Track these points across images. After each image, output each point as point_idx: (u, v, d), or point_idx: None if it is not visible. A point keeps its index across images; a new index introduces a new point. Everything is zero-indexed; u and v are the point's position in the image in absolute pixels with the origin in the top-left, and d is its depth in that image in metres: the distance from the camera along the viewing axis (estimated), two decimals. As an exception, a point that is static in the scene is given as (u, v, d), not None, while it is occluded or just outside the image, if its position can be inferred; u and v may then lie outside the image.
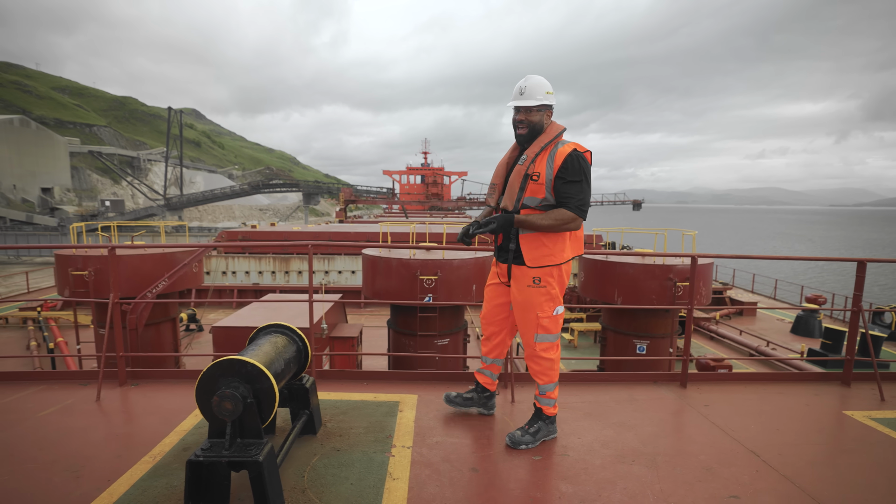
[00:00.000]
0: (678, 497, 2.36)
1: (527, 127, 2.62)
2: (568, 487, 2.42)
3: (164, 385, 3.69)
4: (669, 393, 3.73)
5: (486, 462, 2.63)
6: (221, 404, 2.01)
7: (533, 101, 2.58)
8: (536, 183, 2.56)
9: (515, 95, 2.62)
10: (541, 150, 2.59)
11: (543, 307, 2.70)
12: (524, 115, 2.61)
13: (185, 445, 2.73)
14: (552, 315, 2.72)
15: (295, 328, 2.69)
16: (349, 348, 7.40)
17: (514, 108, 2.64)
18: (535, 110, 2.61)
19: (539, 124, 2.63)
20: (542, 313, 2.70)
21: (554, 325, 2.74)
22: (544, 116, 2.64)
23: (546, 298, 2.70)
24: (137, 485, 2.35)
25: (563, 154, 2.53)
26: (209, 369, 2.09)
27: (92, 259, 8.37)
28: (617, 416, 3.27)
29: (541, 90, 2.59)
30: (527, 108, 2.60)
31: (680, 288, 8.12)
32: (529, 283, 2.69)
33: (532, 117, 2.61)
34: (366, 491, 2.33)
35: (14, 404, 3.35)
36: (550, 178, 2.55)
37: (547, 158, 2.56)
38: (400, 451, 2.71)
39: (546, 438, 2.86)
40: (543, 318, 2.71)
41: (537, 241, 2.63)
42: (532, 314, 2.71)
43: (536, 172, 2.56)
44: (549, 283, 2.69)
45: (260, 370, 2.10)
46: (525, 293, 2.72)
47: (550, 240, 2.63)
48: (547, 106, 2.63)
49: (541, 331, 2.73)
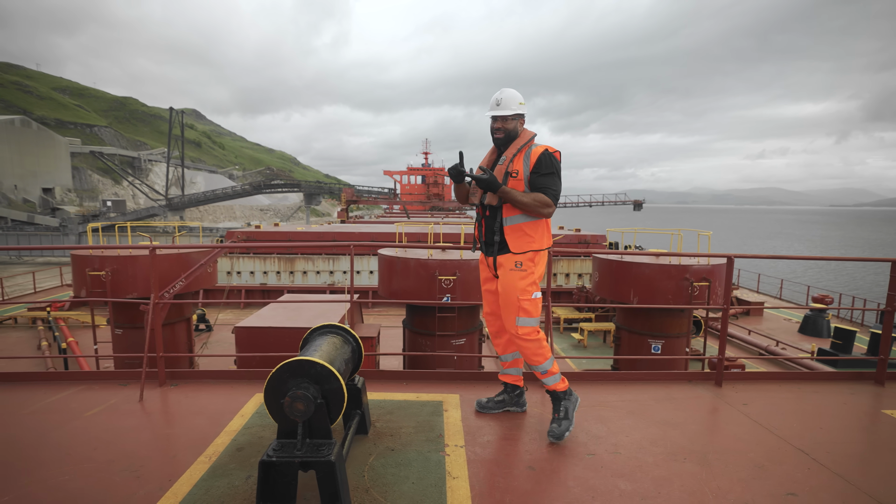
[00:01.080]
0: (736, 494, 2.38)
1: (503, 133, 2.96)
2: (626, 485, 2.44)
3: (203, 385, 3.70)
4: (706, 391, 3.76)
5: (541, 460, 2.65)
6: (293, 405, 2.02)
7: (508, 111, 2.92)
8: (515, 179, 2.88)
9: (492, 106, 2.96)
10: (517, 151, 2.92)
11: (525, 290, 2.92)
12: (501, 124, 2.95)
13: (238, 446, 2.74)
14: (531, 298, 2.94)
15: (349, 328, 2.70)
16: (369, 348, 7.41)
17: (491, 117, 2.98)
18: (510, 119, 2.95)
19: (514, 130, 2.97)
20: (522, 296, 2.92)
21: (534, 308, 2.95)
22: (518, 124, 2.98)
23: (527, 282, 2.93)
24: (199, 485, 2.37)
25: (536, 153, 2.88)
26: (278, 370, 2.11)
27: (109, 259, 8.38)
28: (659, 414, 3.30)
29: (514, 102, 2.93)
30: (503, 117, 2.94)
31: (696, 288, 8.16)
32: (512, 267, 2.95)
33: (507, 125, 2.95)
34: (428, 490, 2.34)
35: (58, 404, 3.36)
36: (527, 174, 2.88)
37: (523, 158, 2.90)
38: (454, 450, 2.72)
39: (576, 409, 3.03)
40: (524, 300, 2.92)
41: (520, 232, 2.93)
42: (514, 297, 2.93)
43: (515, 170, 2.89)
44: (530, 267, 2.95)
45: (329, 371, 2.12)
46: (508, 276, 2.96)
47: (531, 229, 2.93)
48: (520, 115, 2.98)
49: (522, 314, 2.94)
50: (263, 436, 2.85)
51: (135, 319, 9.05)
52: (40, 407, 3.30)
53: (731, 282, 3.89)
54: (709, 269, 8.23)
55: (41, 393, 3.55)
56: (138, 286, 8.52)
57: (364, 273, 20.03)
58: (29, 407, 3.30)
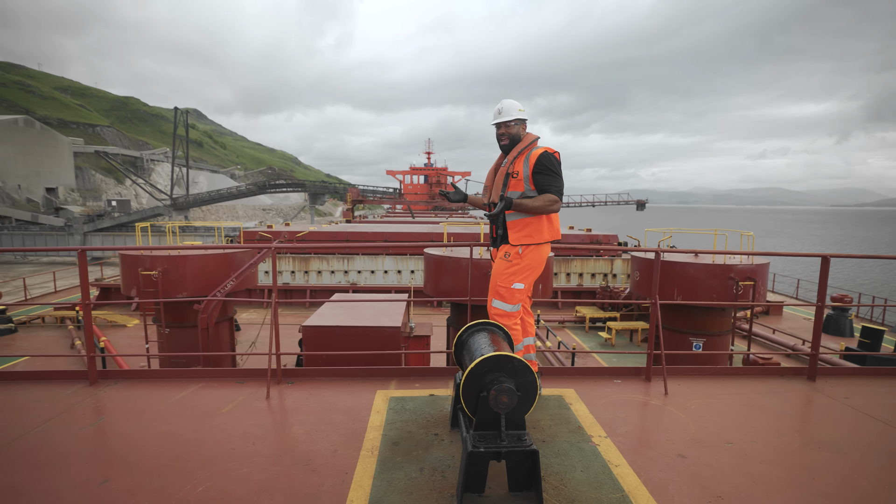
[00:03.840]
0: (890, 480, 2.50)
1: (507, 138, 3.27)
2: (777, 471, 2.56)
3: (318, 383, 3.78)
4: (802, 386, 3.89)
5: (686, 449, 2.78)
6: (498, 398, 2.13)
7: (509, 118, 3.23)
8: (516, 179, 3.18)
9: (495, 115, 3.28)
10: (518, 154, 3.22)
11: (506, 278, 3.23)
12: (504, 130, 3.27)
13: (393, 440, 2.83)
14: (510, 287, 3.23)
15: (501, 325, 2.82)
16: (423, 346, 7.53)
17: (495, 125, 3.30)
18: (512, 125, 3.25)
19: (517, 135, 3.27)
20: (501, 282, 3.24)
21: (509, 296, 3.24)
22: (520, 128, 3.29)
23: (510, 272, 3.23)
24: (379, 477, 2.46)
25: (535, 155, 3.15)
26: (477, 365, 2.22)
27: (160, 259, 8.47)
28: (770, 406, 3.43)
29: (514, 109, 3.24)
30: (505, 123, 3.26)
31: (741, 287, 8.30)
32: (502, 256, 3.29)
33: (510, 130, 3.26)
34: (599, 477, 2.46)
35: (188, 401, 3.44)
36: (528, 175, 3.14)
37: (523, 160, 3.17)
38: (601, 440, 2.85)
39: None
40: (501, 286, 3.25)
41: (520, 225, 3.22)
42: (495, 281, 3.29)
43: (515, 171, 3.18)
44: (517, 259, 3.24)
45: (525, 365, 2.23)
46: (497, 263, 3.32)
47: (528, 223, 3.21)
48: (521, 120, 3.27)
49: (497, 297, 3.26)
50: (411, 431, 2.95)
51: (182, 319, 9.15)
52: (173, 404, 3.39)
53: (827, 282, 4.01)
54: (752, 268, 8.37)
55: (164, 390, 3.62)
56: (188, 286, 8.61)
57: (378, 273, 20.11)
58: (161, 404, 3.38)
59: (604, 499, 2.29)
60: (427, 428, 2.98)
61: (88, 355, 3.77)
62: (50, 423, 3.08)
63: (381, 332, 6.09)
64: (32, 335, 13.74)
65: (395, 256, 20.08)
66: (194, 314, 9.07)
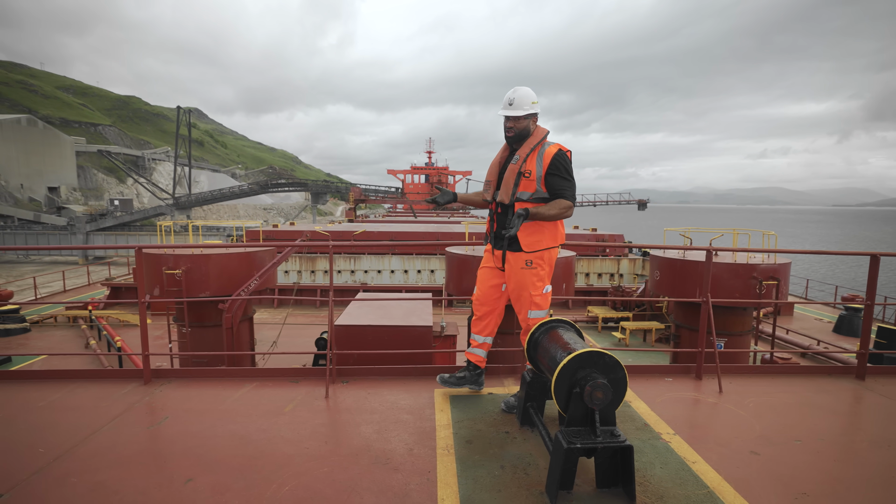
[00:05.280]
0: None
1: (514, 132, 3.05)
2: (850, 469, 2.58)
3: (372, 382, 3.78)
4: (853, 384, 3.90)
5: (756, 446, 2.80)
6: (593, 394, 2.15)
7: (521, 112, 2.99)
8: (528, 179, 2.98)
9: (505, 105, 3.02)
10: (531, 151, 3.00)
11: (536, 286, 3.09)
12: (513, 122, 3.03)
13: (465, 439, 2.84)
14: (542, 293, 3.12)
15: (572, 322, 2.84)
16: (450, 346, 7.54)
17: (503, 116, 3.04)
18: (523, 118, 3.02)
19: (525, 129, 3.05)
20: (534, 291, 3.09)
21: (544, 302, 3.14)
22: (531, 122, 3.06)
23: (537, 279, 3.10)
24: (463, 475, 2.47)
25: (550, 154, 2.95)
26: (569, 362, 2.23)
27: (183, 258, 8.48)
28: (826, 404, 3.46)
29: (527, 101, 2.99)
30: (515, 117, 3.00)
31: (765, 287, 8.32)
32: (523, 266, 3.08)
33: (519, 124, 3.03)
34: (680, 473, 2.48)
35: (246, 400, 3.44)
36: (541, 175, 2.96)
37: (536, 158, 2.97)
38: (670, 437, 2.86)
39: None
40: (536, 295, 3.10)
41: (530, 229, 3.02)
42: (526, 293, 3.10)
43: (528, 170, 2.97)
44: (540, 265, 3.10)
45: (616, 361, 2.25)
46: (519, 275, 3.10)
47: (540, 228, 3.05)
48: (533, 114, 3.03)
49: (534, 307, 3.12)
50: (481, 429, 2.97)
51: (203, 318, 9.15)
52: (233, 403, 3.38)
53: (877, 281, 4.03)
54: (775, 267, 8.40)
55: (220, 390, 3.61)
56: (211, 285, 8.62)
57: (385, 273, 20.12)
58: (221, 404, 3.37)
59: (691, 495, 2.31)
60: (495, 426, 3.00)
61: (144, 354, 3.78)
62: (116, 422, 3.09)
63: (413, 331, 6.09)
64: (46, 334, 13.73)
65: (402, 256, 20.07)
66: (216, 313, 9.07)
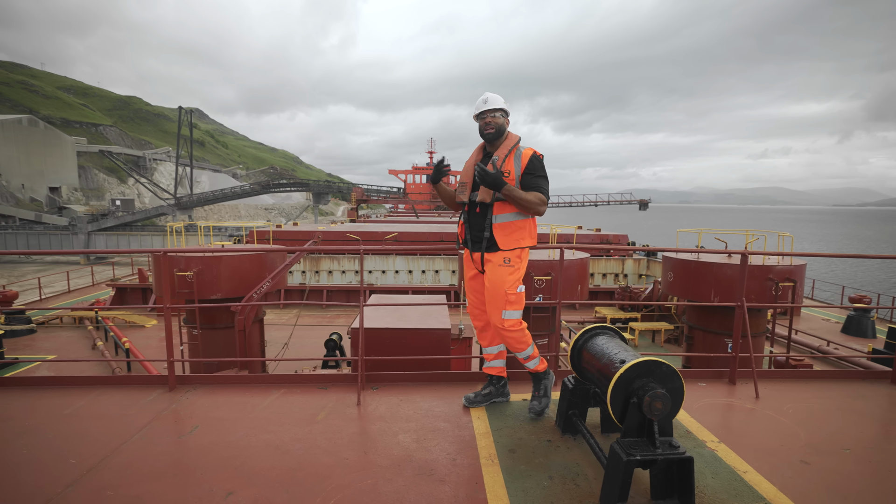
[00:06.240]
0: None
1: (494, 128, 3.15)
2: None
3: (403, 388, 3.70)
4: (890, 390, 3.84)
5: (805, 455, 2.74)
6: (653, 404, 2.09)
7: (496, 105, 3.13)
8: (507, 178, 3.04)
9: (479, 105, 3.17)
10: (508, 153, 3.11)
11: (512, 284, 3.10)
12: (491, 119, 3.14)
13: (508, 448, 2.78)
14: (517, 292, 3.11)
15: (615, 328, 2.78)
16: (466, 349, 7.48)
17: (481, 113, 3.16)
18: (499, 115, 3.15)
19: (502, 126, 3.17)
20: (509, 289, 3.09)
21: (518, 301, 3.13)
22: (505, 121, 3.19)
23: (514, 277, 3.11)
24: (511, 486, 2.41)
25: (527, 156, 3.08)
26: (626, 371, 2.17)
27: (194, 259, 8.41)
28: (867, 410, 3.42)
29: (499, 100, 3.16)
30: (492, 110, 3.13)
31: (780, 288, 8.26)
32: (500, 263, 3.12)
33: (497, 120, 3.14)
34: (732, 483, 2.42)
35: (276, 407, 3.36)
36: (518, 174, 3.06)
37: (514, 159, 3.08)
38: (716, 445, 2.80)
39: (551, 386, 3.32)
40: (511, 293, 3.09)
41: (509, 229, 3.10)
42: (501, 291, 3.09)
43: (507, 170, 3.06)
44: (517, 263, 3.13)
45: (673, 371, 2.19)
46: (496, 272, 3.12)
47: (520, 226, 3.12)
48: (506, 112, 3.19)
49: (508, 307, 3.10)
50: (522, 437, 2.90)
51: (214, 320, 9.09)
52: (263, 411, 3.30)
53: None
54: (791, 269, 8.34)
55: (247, 397, 3.54)
56: (222, 287, 8.54)
57: (389, 273, 20.04)
58: (251, 412, 3.29)
59: (749, 508, 2.25)
60: (536, 434, 2.94)
61: (169, 360, 3.71)
62: (146, 431, 3.03)
63: (432, 333, 6.01)
64: (52, 335, 13.67)
65: (406, 256, 20.00)
66: (228, 315, 9.02)
